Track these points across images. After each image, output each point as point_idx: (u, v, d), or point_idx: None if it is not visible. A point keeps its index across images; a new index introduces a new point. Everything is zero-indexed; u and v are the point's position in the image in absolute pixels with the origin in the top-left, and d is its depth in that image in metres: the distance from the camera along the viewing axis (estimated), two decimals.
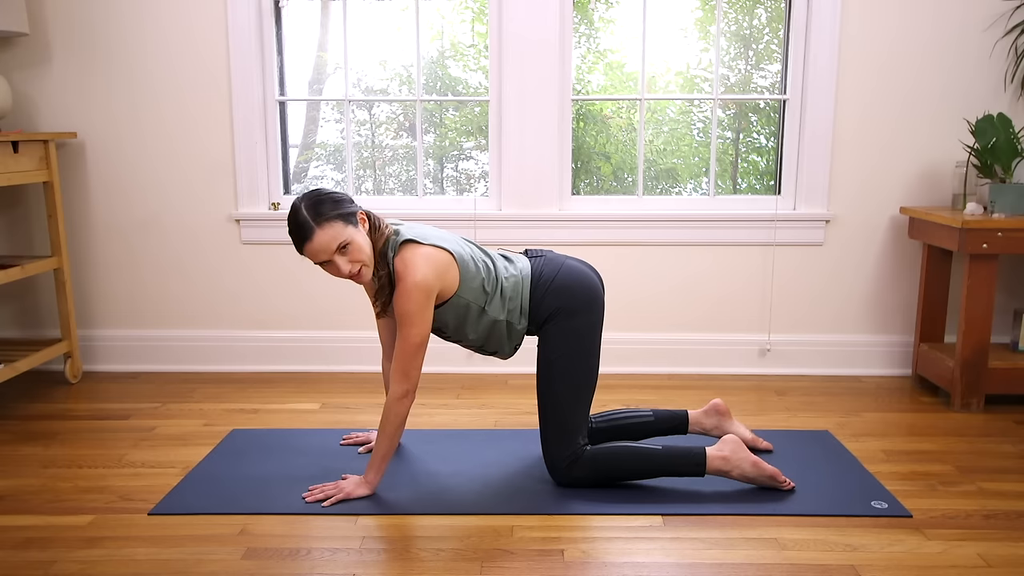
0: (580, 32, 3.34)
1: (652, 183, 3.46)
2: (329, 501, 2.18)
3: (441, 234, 2.23)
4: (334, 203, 2.10)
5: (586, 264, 2.36)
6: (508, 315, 2.24)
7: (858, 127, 3.21)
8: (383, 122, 3.49)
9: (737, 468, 2.22)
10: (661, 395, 3.11)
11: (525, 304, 2.25)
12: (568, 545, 1.98)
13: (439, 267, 2.13)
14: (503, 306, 2.23)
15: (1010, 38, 3.13)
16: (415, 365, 2.14)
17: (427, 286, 2.09)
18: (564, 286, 2.25)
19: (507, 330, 2.26)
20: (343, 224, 2.09)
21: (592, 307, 2.26)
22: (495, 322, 2.24)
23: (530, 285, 2.26)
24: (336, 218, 2.08)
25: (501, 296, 2.23)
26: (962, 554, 1.94)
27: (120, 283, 3.39)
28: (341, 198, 2.13)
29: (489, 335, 2.27)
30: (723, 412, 2.51)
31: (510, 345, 2.30)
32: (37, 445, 2.62)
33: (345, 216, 2.10)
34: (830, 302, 3.34)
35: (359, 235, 2.12)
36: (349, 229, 2.09)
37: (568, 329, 2.23)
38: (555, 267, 2.28)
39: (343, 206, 2.11)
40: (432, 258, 2.13)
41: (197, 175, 3.31)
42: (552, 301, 2.24)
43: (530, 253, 2.37)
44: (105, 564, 1.90)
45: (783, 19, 3.28)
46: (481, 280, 2.21)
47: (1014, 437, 2.68)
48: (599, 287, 2.31)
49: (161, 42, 3.21)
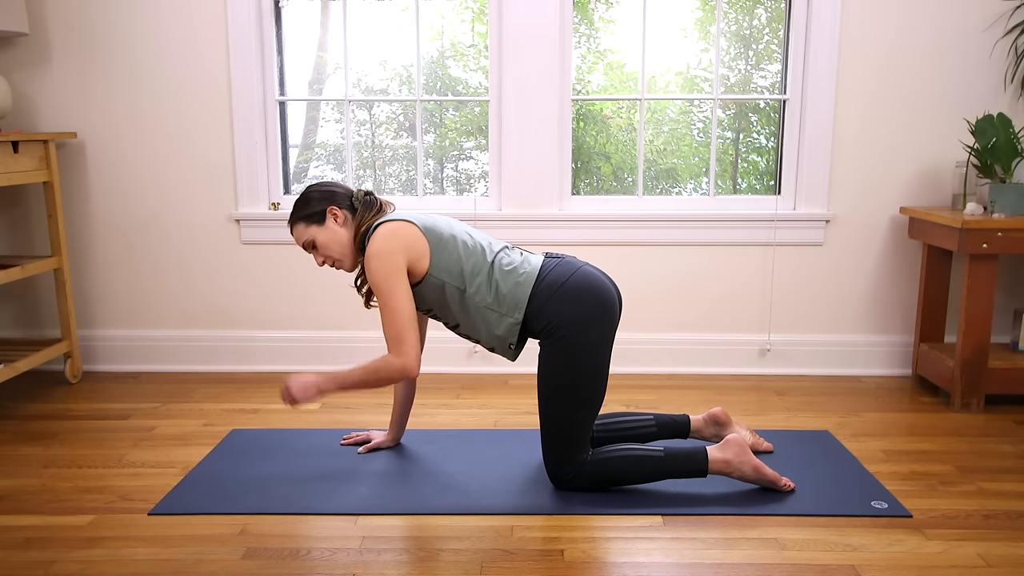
0: (580, 32, 3.34)
1: (652, 183, 3.46)
2: (288, 397, 2.15)
3: (425, 215, 2.25)
4: (304, 202, 2.25)
5: (603, 273, 2.25)
6: (497, 304, 2.15)
7: (858, 127, 3.21)
8: (383, 122, 3.49)
9: (738, 471, 2.22)
10: (661, 395, 3.11)
11: (522, 299, 2.15)
12: (568, 545, 1.98)
13: (400, 238, 2.14)
14: (491, 292, 2.16)
15: (1010, 38, 3.13)
16: (408, 340, 2.11)
17: (386, 254, 2.11)
18: (574, 292, 2.14)
19: (497, 321, 2.16)
20: (305, 225, 2.24)
21: (601, 319, 2.14)
22: (480, 309, 2.17)
23: (533, 281, 2.16)
24: (300, 220, 2.25)
25: (489, 282, 2.16)
26: (962, 554, 1.94)
27: (120, 283, 3.39)
28: (313, 197, 2.24)
29: (476, 322, 2.19)
30: (722, 422, 2.49)
31: (504, 342, 2.20)
32: (37, 445, 2.62)
33: (309, 216, 2.23)
34: (830, 302, 3.34)
35: (324, 233, 2.23)
36: (312, 229, 2.23)
37: (564, 353, 2.13)
38: (567, 271, 2.18)
39: (311, 205, 2.23)
40: (393, 230, 2.15)
41: (197, 175, 3.31)
42: (558, 306, 2.13)
43: (548, 255, 2.29)
44: (105, 564, 1.90)
45: (783, 19, 3.28)
46: (459, 258, 2.16)
47: (1014, 437, 2.68)
48: (613, 297, 2.19)
49: (161, 42, 3.21)
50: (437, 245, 2.17)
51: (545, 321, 2.15)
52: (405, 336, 2.12)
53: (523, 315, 2.17)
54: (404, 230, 2.16)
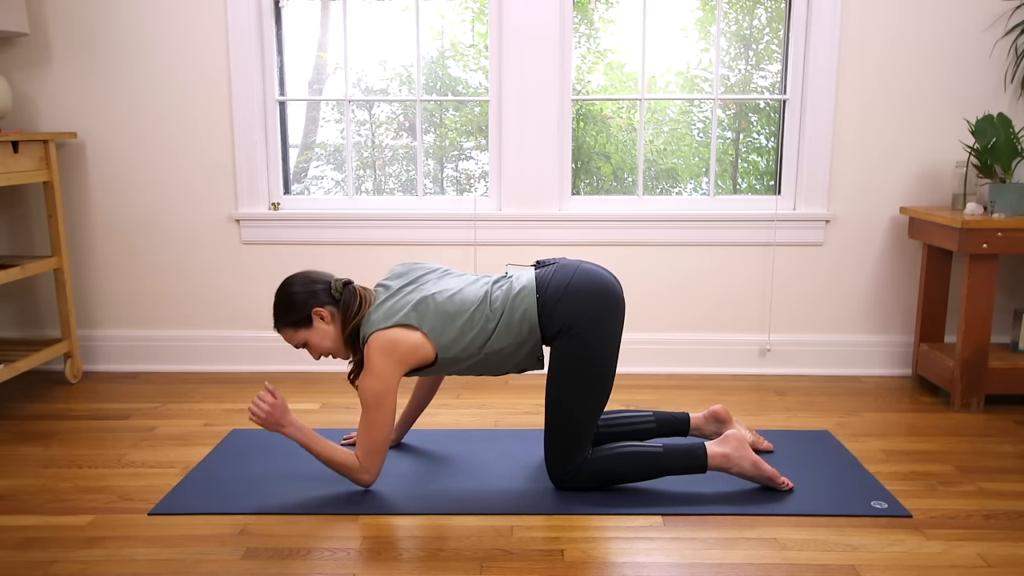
0: (580, 32, 3.34)
1: (652, 183, 3.46)
2: (256, 418, 2.14)
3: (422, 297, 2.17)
4: (288, 308, 2.21)
5: (603, 268, 2.27)
6: (515, 339, 2.17)
7: (858, 127, 3.21)
8: (383, 122, 3.49)
9: (736, 466, 2.22)
10: (661, 395, 3.11)
11: (533, 319, 2.16)
12: (568, 545, 1.98)
13: (399, 351, 2.12)
14: (507, 334, 2.17)
15: (1010, 38, 3.13)
16: (377, 459, 2.18)
17: (383, 375, 2.11)
18: (580, 290, 2.16)
19: (516, 350, 2.19)
20: (294, 330, 2.22)
21: (608, 313, 2.16)
22: (501, 352, 2.19)
23: (535, 299, 2.17)
24: (287, 325, 2.23)
25: (507, 330, 2.17)
26: (962, 554, 1.94)
27: (120, 283, 3.39)
28: (296, 301, 2.20)
29: (499, 363, 2.22)
30: (723, 419, 2.49)
31: (532, 357, 2.23)
32: (37, 445, 2.62)
33: (297, 322, 2.21)
34: (830, 302, 3.34)
35: (314, 334, 2.23)
36: (301, 332, 2.22)
37: (581, 346, 2.15)
38: (567, 273, 2.19)
39: (296, 310, 2.20)
40: (392, 342, 2.12)
41: (197, 175, 3.31)
42: (566, 307, 2.15)
43: (540, 263, 2.29)
44: (105, 564, 1.90)
45: (783, 19, 3.28)
46: (470, 339, 2.16)
47: (1014, 437, 2.68)
48: (618, 290, 2.21)
49: (161, 42, 3.21)
50: (443, 342, 2.16)
51: (559, 324, 2.16)
52: (377, 454, 2.18)
53: (539, 332, 2.18)
54: (403, 341, 2.13)
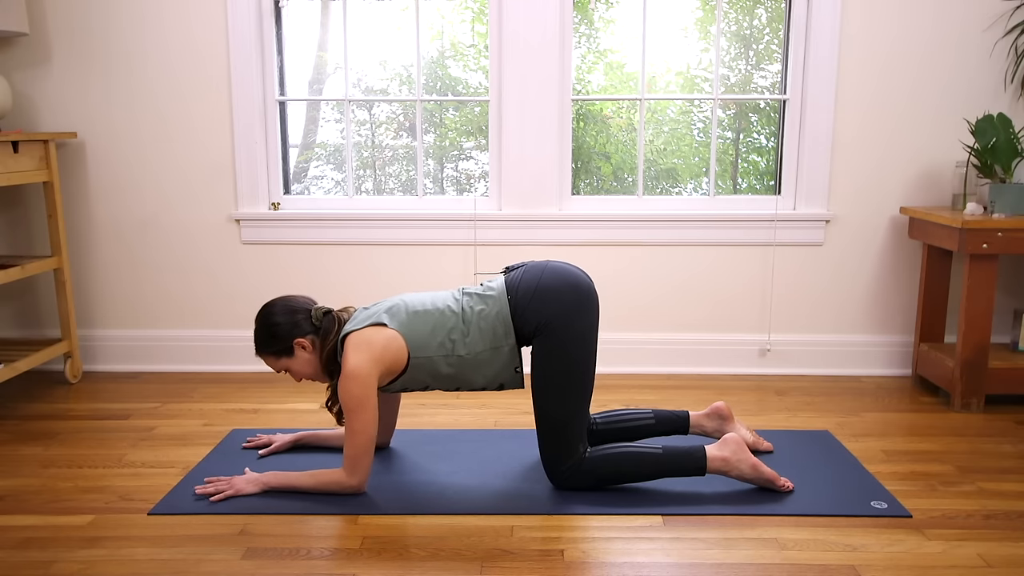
0: (580, 32, 3.34)
1: (652, 183, 3.46)
2: (217, 496, 2.19)
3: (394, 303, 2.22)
4: (270, 338, 2.23)
5: (571, 265, 2.29)
6: (490, 342, 2.17)
7: (858, 127, 3.21)
8: (383, 122, 3.49)
9: (736, 469, 2.22)
10: (661, 395, 3.11)
11: (506, 319, 2.17)
12: (568, 545, 1.98)
13: (375, 348, 2.13)
14: (481, 340, 2.17)
15: (1010, 38, 3.13)
16: (363, 464, 2.17)
17: (361, 376, 2.10)
18: (551, 287, 2.17)
19: (493, 357, 2.19)
20: (275, 358, 2.26)
21: (582, 308, 2.17)
22: (477, 359, 2.18)
23: (507, 300, 2.18)
24: (269, 354, 2.26)
25: (480, 333, 2.17)
26: (962, 554, 1.94)
27: (120, 283, 3.39)
28: (279, 332, 2.22)
29: (476, 374, 2.21)
30: (725, 416, 2.50)
31: (509, 368, 2.21)
32: (37, 445, 2.62)
33: (279, 352, 2.24)
34: (830, 302, 3.34)
35: (295, 362, 2.26)
36: (283, 360, 2.26)
37: (557, 344, 2.15)
38: (536, 273, 2.20)
39: (278, 340, 2.23)
40: (365, 340, 2.14)
41: (197, 175, 3.31)
42: (538, 305, 2.16)
43: (509, 268, 2.30)
44: (105, 564, 1.90)
45: (783, 19, 3.28)
46: (442, 338, 2.17)
47: (1014, 437, 2.68)
48: (588, 286, 2.22)
49: (161, 42, 3.21)
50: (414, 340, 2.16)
51: (534, 323, 2.17)
52: (363, 459, 2.17)
53: (514, 334, 2.18)
54: (376, 337, 2.14)
